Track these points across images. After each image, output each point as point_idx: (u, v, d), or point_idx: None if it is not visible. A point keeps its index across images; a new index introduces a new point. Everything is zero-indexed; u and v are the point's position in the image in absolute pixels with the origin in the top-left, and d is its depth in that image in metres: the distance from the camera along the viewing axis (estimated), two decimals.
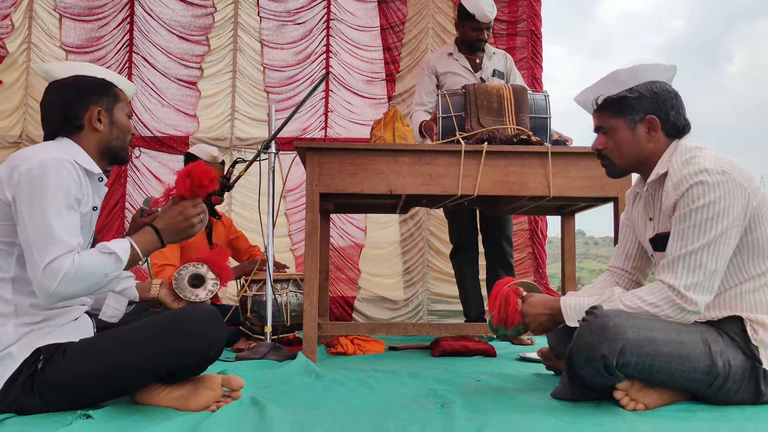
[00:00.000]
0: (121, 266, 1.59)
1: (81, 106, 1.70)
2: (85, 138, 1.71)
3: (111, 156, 1.77)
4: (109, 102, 1.74)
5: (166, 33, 4.65)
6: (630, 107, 1.78)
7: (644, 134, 1.78)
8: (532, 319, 1.83)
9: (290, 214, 4.51)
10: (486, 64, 3.44)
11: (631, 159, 1.81)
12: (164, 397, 1.61)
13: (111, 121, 1.73)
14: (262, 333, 2.89)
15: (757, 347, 1.63)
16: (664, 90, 1.78)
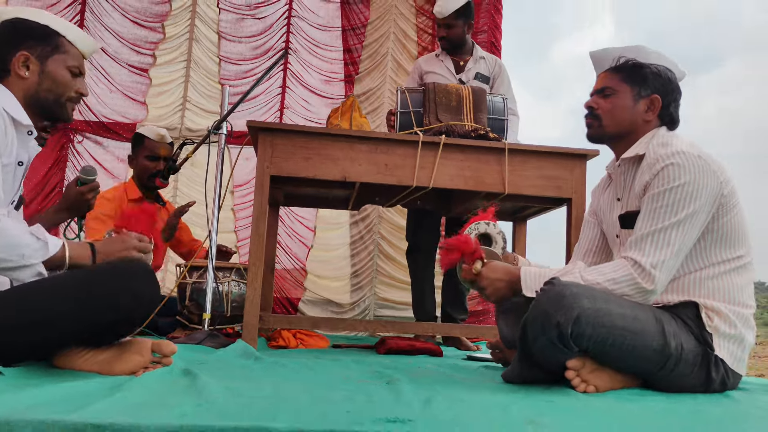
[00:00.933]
0: (43, 257, 1.46)
1: (11, 48, 1.57)
2: (11, 84, 1.59)
3: (40, 109, 1.63)
4: (44, 50, 1.60)
5: (119, 17, 4.49)
6: (644, 79, 1.78)
7: (642, 110, 1.78)
8: (490, 284, 1.78)
9: (237, 209, 4.37)
10: (470, 66, 3.43)
11: (620, 127, 1.80)
12: (87, 361, 1.46)
13: (41, 70, 1.60)
14: (200, 323, 2.75)
15: (710, 334, 1.62)
16: (675, 82, 1.81)
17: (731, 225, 1.65)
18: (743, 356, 1.65)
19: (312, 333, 2.96)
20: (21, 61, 1.56)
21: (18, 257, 1.41)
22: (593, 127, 1.84)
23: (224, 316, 2.90)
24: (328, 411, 1.13)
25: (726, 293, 1.65)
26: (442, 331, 3.08)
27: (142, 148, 3.14)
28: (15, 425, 0.97)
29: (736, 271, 1.66)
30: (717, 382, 1.62)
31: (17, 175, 1.64)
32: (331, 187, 2.90)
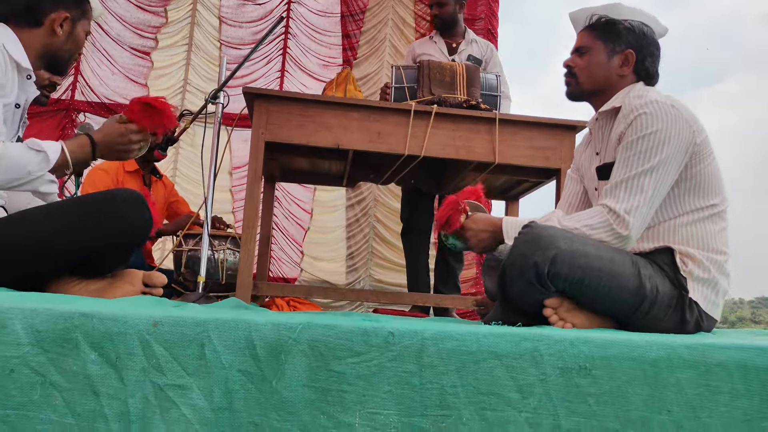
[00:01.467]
0: (48, 167, 1.53)
1: (53, 3, 1.66)
2: (35, 35, 1.66)
3: (52, 62, 1.72)
4: (77, 14, 1.71)
5: (123, 1, 4.59)
6: (617, 35, 1.82)
7: (617, 65, 1.83)
8: (474, 235, 1.83)
9: (235, 191, 4.44)
10: (463, 48, 3.50)
11: (596, 83, 1.85)
12: (80, 289, 1.53)
13: (71, 31, 1.70)
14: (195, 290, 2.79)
15: (685, 278, 1.65)
16: (651, 36, 1.84)
17: (705, 174, 1.70)
18: (717, 300, 1.69)
19: (305, 301, 3.01)
20: (62, 19, 1.66)
21: (25, 174, 1.48)
22: (571, 85, 1.89)
23: (219, 284, 2.95)
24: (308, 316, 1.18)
25: (700, 240, 1.69)
26: (434, 301, 3.13)
27: None
28: (5, 313, 1.03)
29: (710, 219, 1.71)
30: (691, 324, 1.65)
31: (15, 118, 1.70)
32: (325, 158, 2.96)
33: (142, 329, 1.04)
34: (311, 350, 1.04)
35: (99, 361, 1.03)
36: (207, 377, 1.03)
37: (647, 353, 1.08)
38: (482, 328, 1.10)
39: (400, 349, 1.05)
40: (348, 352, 1.04)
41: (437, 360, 1.05)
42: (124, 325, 1.04)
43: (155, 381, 1.03)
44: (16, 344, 1.02)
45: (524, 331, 1.10)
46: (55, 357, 1.02)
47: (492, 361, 1.06)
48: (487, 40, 3.72)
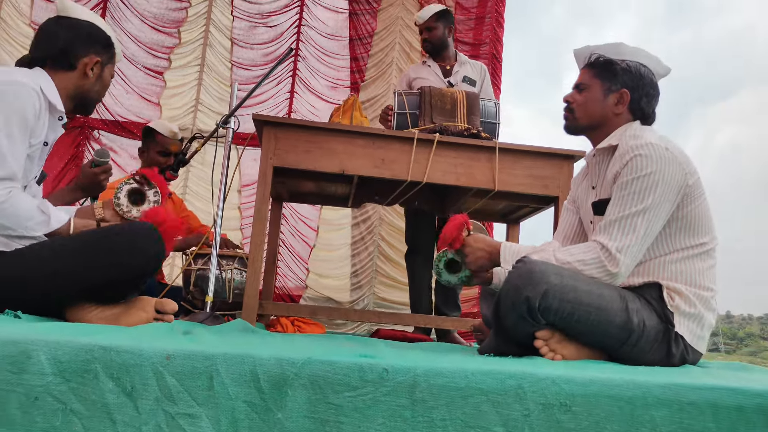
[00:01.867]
0: (45, 230, 1.62)
1: (85, 48, 1.78)
2: (68, 78, 1.77)
3: (82, 103, 1.84)
4: (107, 58, 1.84)
5: (138, 22, 4.72)
6: (613, 74, 1.91)
7: (612, 104, 1.91)
8: (472, 252, 1.92)
9: (244, 208, 4.54)
10: (457, 69, 3.60)
11: (591, 119, 1.93)
12: (96, 315, 1.62)
13: (100, 74, 1.83)
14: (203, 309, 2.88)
15: (672, 312, 1.73)
16: (648, 76, 1.91)
17: (696, 214, 1.77)
18: (703, 334, 1.76)
19: (310, 321, 3.10)
20: (93, 63, 1.78)
21: (22, 229, 1.58)
22: (568, 120, 1.98)
23: (226, 303, 3.04)
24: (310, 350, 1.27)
25: (688, 276, 1.76)
26: (435, 323, 3.20)
27: (154, 143, 3.30)
28: (30, 344, 1.12)
29: (699, 257, 1.78)
30: (677, 357, 1.73)
31: (42, 155, 1.80)
32: (331, 181, 3.05)
33: (156, 362, 1.13)
34: (311, 384, 1.13)
35: (116, 390, 1.12)
36: (215, 407, 1.12)
37: (624, 392, 1.16)
38: (470, 365, 1.18)
39: (393, 384, 1.13)
40: (345, 387, 1.13)
41: (428, 395, 1.13)
42: (140, 357, 1.13)
43: (167, 410, 1.11)
44: (40, 374, 1.11)
45: (510, 368, 1.18)
46: (76, 386, 1.11)
47: (479, 397, 1.14)
48: (478, 62, 3.83)
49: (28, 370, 1.11)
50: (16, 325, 1.29)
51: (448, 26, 3.60)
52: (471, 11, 4.75)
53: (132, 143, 4.57)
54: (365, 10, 4.80)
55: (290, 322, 3.01)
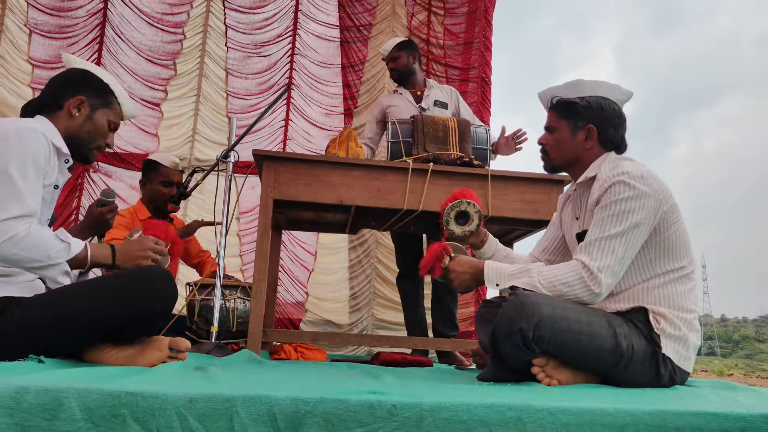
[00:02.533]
0: (67, 256, 1.68)
1: (71, 90, 1.84)
2: (58, 119, 1.83)
3: (74, 146, 1.85)
4: (98, 102, 1.87)
5: (134, 55, 4.82)
6: (577, 113, 2.01)
7: (582, 140, 2.02)
8: (457, 276, 2.01)
9: (243, 235, 4.62)
10: (427, 94, 3.72)
11: (565, 158, 2.04)
12: (113, 356, 1.69)
13: (89, 115, 1.85)
14: (208, 338, 2.96)
15: (658, 335, 1.82)
16: (610, 108, 2.02)
17: (673, 239, 1.88)
18: (689, 355, 1.86)
19: (312, 347, 3.17)
20: (76, 103, 1.83)
21: (45, 257, 1.64)
22: (545, 161, 2.11)
23: (230, 332, 3.11)
24: (321, 387, 1.35)
25: (670, 300, 1.86)
26: (434, 345, 3.29)
27: (157, 175, 3.38)
28: (61, 392, 1.20)
29: (679, 281, 1.88)
30: (666, 378, 1.82)
31: (53, 198, 1.88)
32: (329, 211, 3.14)
33: (179, 405, 1.21)
34: (324, 422, 1.21)
35: None
36: None
37: (616, 420, 1.24)
38: (473, 398, 1.27)
39: (402, 419, 1.21)
40: (356, 423, 1.21)
41: (434, 428, 1.21)
42: (164, 401, 1.21)
43: None
44: (71, 420, 1.19)
45: (509, 400, 1.26)
46: (105, 431, 1.19)
47: (482, 429, 1.22)
48: (448, 86, 3.94)
49: (59, 417, 1.19)
50: (44, 372, 1.37)
51: (412, 54, 3.73)
52: (459, 36, 4.88)
53: (130, 174, 4.65)
54: (356, 38, 4.93)
55: (293, 348, 3.08)
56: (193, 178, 3.16)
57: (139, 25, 4.87)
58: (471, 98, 4.82)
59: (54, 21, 4.78)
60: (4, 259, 1.60)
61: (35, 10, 4.76)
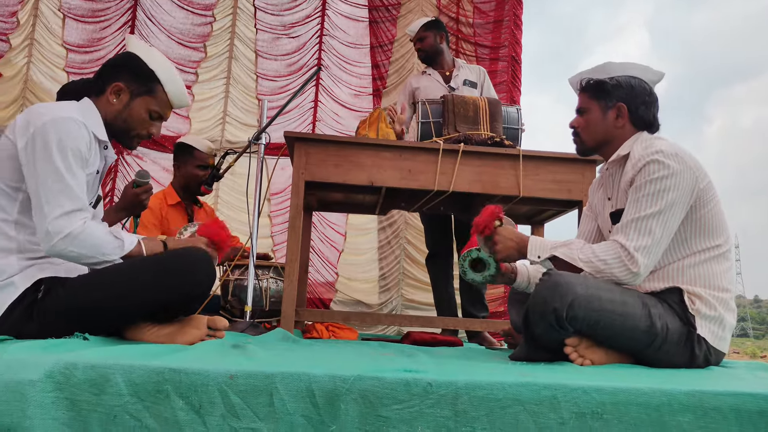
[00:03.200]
0: (121, 254, 1.72)
1: (114, 75, 1.83)
2: (100, 103, 1.85)
3: (113, 132, 1.87)
4: (139, 89, 1.84)
5: (165, 38, 4.87)
6: (606, 93, 2.00)
7: (612, 119, 2.00)
8: (502, 241, 2.02)
9: (273, 216, 4.67)
10: (456, 74, 3.69)
11: (597, 139, 2.03)
12: (153, 334, 1.74)
13: (128, 103, 1.83)
14: (242, 317, 3.02)
15: (693, 316, 1.81)
16: (640, 86, 2.00)
17: (709, 216, 1.85)
18: (724, 335, 1.84)
19: (343, 326, 3.21)
20: (115, 89, 1.83)
21: (100, 255, 1.68)
22: (577, 143, 2.10)
23: (263, 311, 3.17)
24: (357, 365, 1.38)
25: (706, 279, 1.84)
26: (464, 325, 3.30)
27: (192, 159, 3.41)
28: (108, 368, 1.24)
29: (715, 260, 1.86)
30: (700, 359, 1.81)
31: (96, 184, 1.92)
32: (360, 193, 3.16)
33: (221, 381, 1.24)
34: (362, 398, 1.23)
35: (186, 408, 1.23)
36: (275, 422, 1.23)
37: (651, 399, 1.25)
38: (507, 377, 1.28)
39: (437, 397, 1.23)
40: (393, 400, 1.23)
41: (469, 406, 1.23)
42: (206, 378, 1.24)
43: (232, 425, 1.23)
44: (118, 395, 1.23)
45: (544, 380, 1.27)
46: (149, 405, 1.23)
47: (516, 407, 1.23)
48: (477, 65, 3.91)
49: (107, 392, 1.23)
50: (90, 349, 1.42)
51: (440, 34, 3.70)
52: (489, 15, 4.82)
53: (163, 156, 4.72)
54: (385, 18, 4.91)
55: (325, 327, 3.12)
56: (225, 160, 3.20)
57: (169, 8, 4.91)
58: (501, 77, 4.78)
59: (87, 5, 4.84)
60: (60, 255, 1.64)
61: None
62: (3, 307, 1.64)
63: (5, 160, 1.69)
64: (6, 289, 1.66)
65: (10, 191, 1.70)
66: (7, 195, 1.70)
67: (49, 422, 1.19)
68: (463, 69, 3.74)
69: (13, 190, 1.70)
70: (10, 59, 4.73)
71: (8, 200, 1.70)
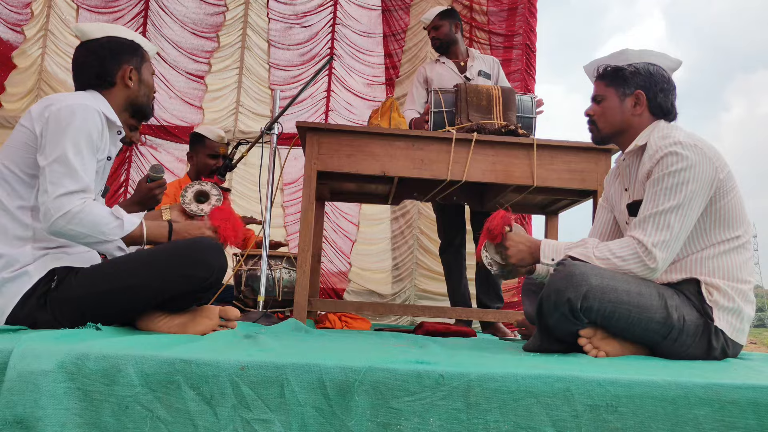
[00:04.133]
0: (120, 234, 1.73)
1: (115, 64, 1.88)
2: (115, 93, 1.89)
3: (136, 110, 1.95)
4: (138, 61, 1.93)
5: (178, 28, 4.87)
6: (624, 79, 1.96)
7: (630, 107, 1.96)
8: (514, 245, 2.00)
9: (287, 206, 4.67)
10: (471, 64, 3.65)
11: (614, 127, 2.00)
12: (165, 324, 1.74)
13: (140, 79, 1.92)
14: (255, 307, 3.02)
15: (711, 307, 1.78)
16: (658, 73, 1.96)
17: (729, 207, 1.82)
18: (742, 327, 1.81)
19: (356, 316, 3.21)
20: (128, 74, 1.89)
21: (100, 234, 1.69)
22: (593, 132, 2.06)
23: (276, 301, 3.17)
24: (369, 356, 1.37)
25: (725, 271, 1.81)
26: (477, 316, 3.29)
27: (203, 148, 3.44)
28: (120, 359, 1.24)
29: (735, 251, 1.82)
30: (718, 351, 1.78)
31: (106, 169, 1.94)
32: (372, 182, 3.15)
33: (232, 372, 1.24)
34: (373, 390, 1.22)
35: (197, 399, 1.23)
36: (286, 413, 1.22)
37: (667, 392, 1.23)
38: (520, 368, 1.26)
39: (449, 389, 1.22)
40: (404, 392, 1.22)
41: (482, 399, 1.22)
42: (217, 368, 1.24)
43: (243, 416, 1.23)
44: (129, 385, 1.23)
45: (557, 372, 1.25)
46: (161, 396, 1.23)
47: (529, 400, 1.22)
48: (490, 56, 3.86)
49: (118, 382, 1.23)
50: (102, 339, 1.42)
51: (455, 23, 3.66)
52: (503, 2, 4.76)
53: (176, 146, 4.74)
54: (398, 6, 4.86)
55: (337, 317, 3.13)
56: (238, 151, 3.20)
57: None
58: (515, 66, 4.73)
59: None
60: (59, 233, 1.66)
61: None
62: (18, 296, 1.66)
63: (22, 148, 1.72)
64: (20, 279, 1.67)
65: (27, 178, 1.72)
66: (24, 182, 1.72)
67: (61, 412, 1.19)
68: (478, 60, 3.71)
69: (30, 177, 1.72)
70: (24, 50, 4.76)
71: (25, 187, 1.72)
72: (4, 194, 1.71)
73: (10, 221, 1.69)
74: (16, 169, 1.71)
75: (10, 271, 1.66)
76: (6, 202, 1.70)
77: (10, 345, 1.27)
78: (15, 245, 1.68)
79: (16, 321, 1.65)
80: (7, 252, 1.67)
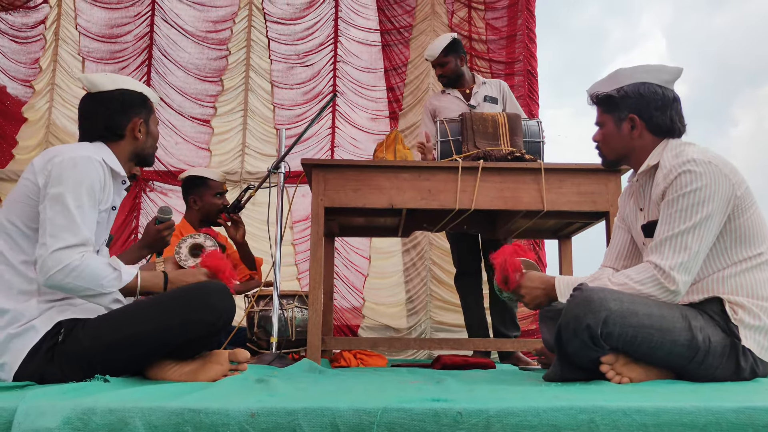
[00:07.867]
0: (118, 286, 1.72)
1: (125, 117, 1.89)
2: (122, 145, 1.90)
3: (140, 160, 1.98)
4: (146, 114, 1.95)
5: (182, 74, 4.93)
6: (616, 105, 1.93)
7: (628, 132, 1.93)
8: (528, 292, 1.95)
9: (296, 244, 4.65)
10: (476, 91, 3.65)
11: (617, 152, 1.97)
12: (175, 372, 1.70)
13: (147, 131, 1.94)
14: (269, 349, 2.97)
15: (736, 326, 1.71)
16: (650, 92, 1.90)
17: (749, 224, 1.76)
18: None
19: (371, 353, 3.15)
20: (138, 126, 1.90)
21: (98, 286, 1.68)
22: (601, 158, 2.05)
23: (289, 341, 3.13)
24: (383, 396, 1.32)
25: (749, 289, 1.75)
26: (495, 346, 3.22)
27: (207, 189, 3.41)
28: (126, 412, 1.21)
29: (758, 268, 1.76)
30: (747, 371, 1.71)
31: (110, 218, 1.93)
32: (381, 216, 3.12)
33: (241, 420, 1.20)
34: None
35: None
36: None
37: (697, 419, 1.17)
38: (541, 401, 1.21)
39: (468, 426, 1.17)
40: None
41: None
42: (227, 417, 1.20)
43: None
44: None
45: (580, 403, 1.20)
46: None
47: None
48: (497, 79, 3.85)
49: None
50: (110, 392, 1.38)
51: (459, 56, 3.63)
52: (501, 30, 4.80)
53: None
54: (397, 41, 4.91)
55: (353, 355, 3.07)
56: (247, 194, 3.20)
57: (184, 45, 4.98)
58: (518, 92, 4.73)
59: (105, 47, 4.94)
60: (56, 286, 1.65)
61: (87, 39, 4.94)
62: (24, 351, 1.63)
63: (25, 201, 1.72)
64: (27, 334, 1.65)
65: (30, 233, 1.72)
66: (27, 237, 1.71)
67: None
68: (483, 86, 3.70)
69: (33, 231, 1.72)
70: (33, 104, 4.84)
71: (28, 242, 1.71)
72: (8, 249, 1.70)
73: (15, 276, 1.68)
74: (20, 223, 1.71)
75: (16, 326, 1.64)
76: (9, 257, 1.69)
77: (15, 402, 1.24)
78: (20, 300, 1.67)
79: (24, 377, 1.62)
80: (12, 307, 1.65)
